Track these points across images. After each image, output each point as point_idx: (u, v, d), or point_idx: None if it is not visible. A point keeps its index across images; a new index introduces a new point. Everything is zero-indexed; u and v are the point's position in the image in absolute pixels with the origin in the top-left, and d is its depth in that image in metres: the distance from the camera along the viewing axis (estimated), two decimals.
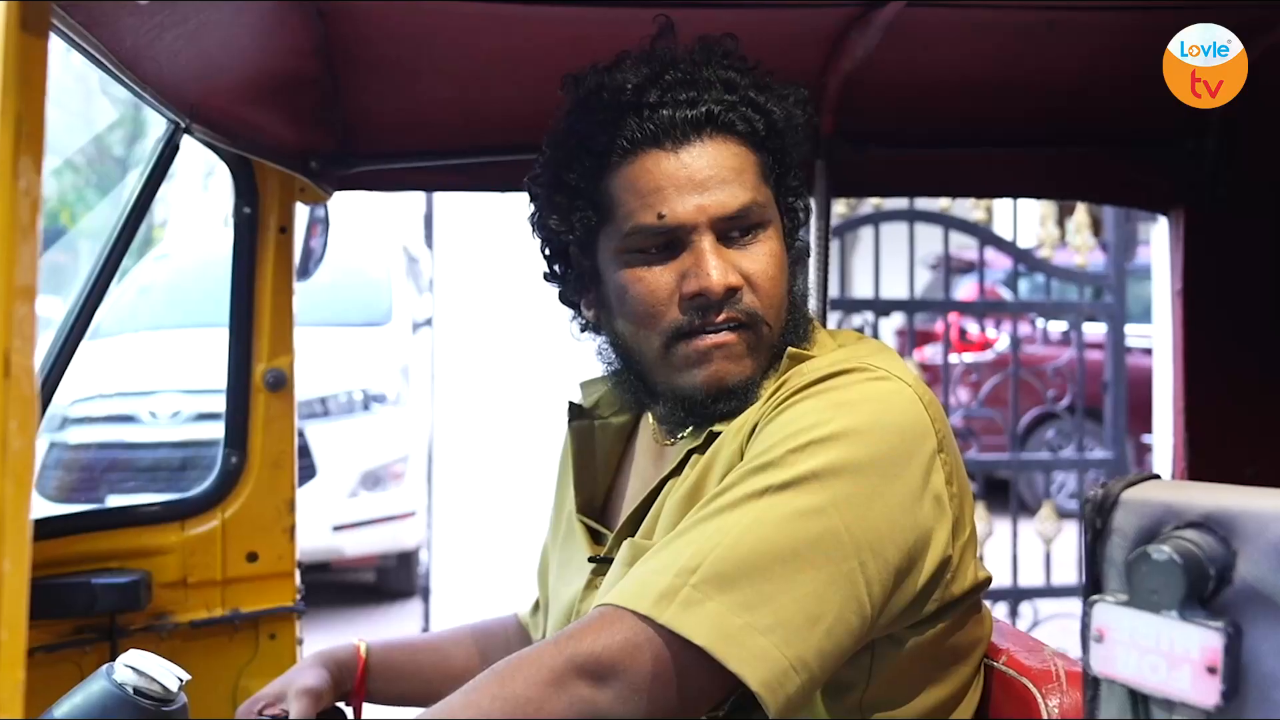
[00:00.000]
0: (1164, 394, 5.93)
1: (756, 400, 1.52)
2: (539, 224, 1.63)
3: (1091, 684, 0.97)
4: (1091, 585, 0.99)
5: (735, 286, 1.51)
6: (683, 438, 1.59)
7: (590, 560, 1.64)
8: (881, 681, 1.44)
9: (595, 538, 1.69)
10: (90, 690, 1.48)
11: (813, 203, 2.38)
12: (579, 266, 1.62)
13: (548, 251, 1.66)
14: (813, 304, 2.21)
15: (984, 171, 2.59)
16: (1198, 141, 2.43)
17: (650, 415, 1.69)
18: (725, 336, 1.51)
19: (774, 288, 1.54)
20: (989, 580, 1.51)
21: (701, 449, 1.53)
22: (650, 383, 1.59)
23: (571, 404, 1.80)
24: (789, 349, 1.54)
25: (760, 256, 1.54)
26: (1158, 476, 1.01)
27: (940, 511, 1.41)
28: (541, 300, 1.76)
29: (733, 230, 1.53)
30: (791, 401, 1.43)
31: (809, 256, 2.28)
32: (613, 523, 1.68)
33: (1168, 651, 0.90)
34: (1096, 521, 0.99)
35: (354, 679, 1.82)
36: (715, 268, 1.49)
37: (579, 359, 1.79)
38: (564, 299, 1.69)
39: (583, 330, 1.68)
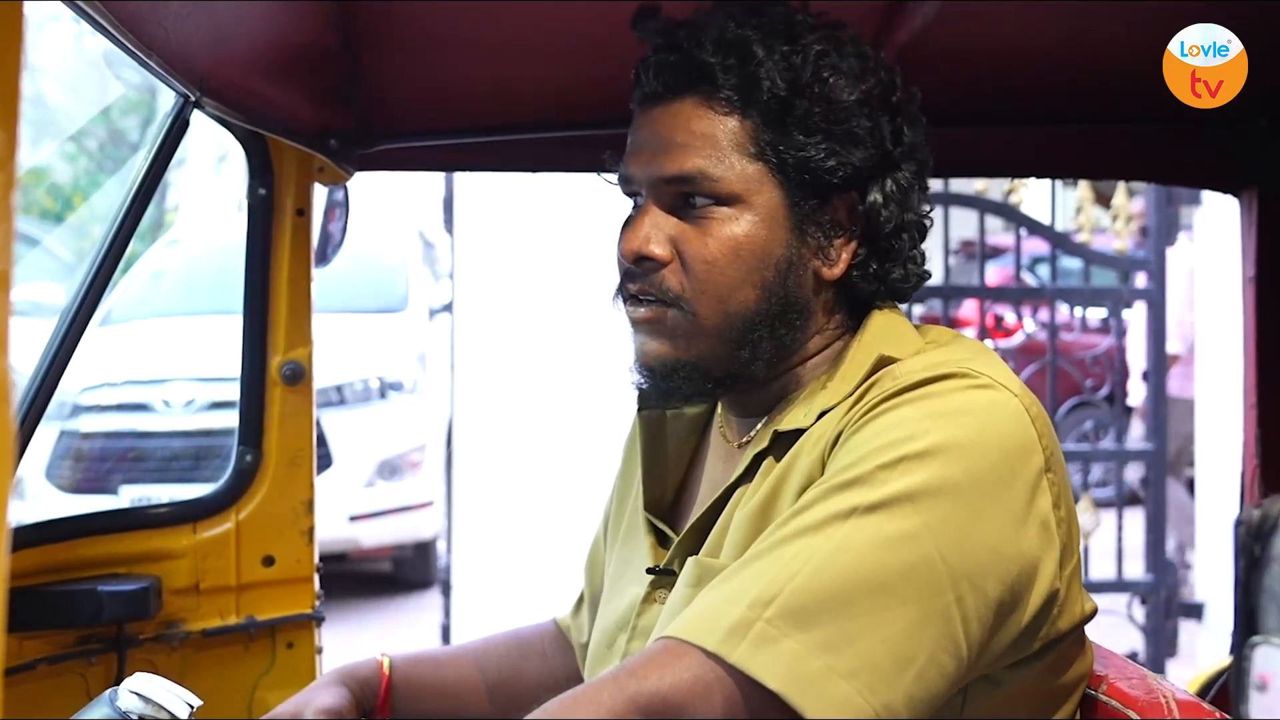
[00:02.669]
0: (1206, 386, 5.77)
1: (687, 389, 1.43)
2: None
3: None
4: (1246, 623, 0.85)
5: (649, 256, 1.39)
6: (749, 439, 1.45)
7: (649, 572, 1.50)
8: None
9: (660, 539, 1.56)
10: (92, 719, 1.37)
11: None
12: None
13: None
14: None
15: (1045, 149, 2.44)
16: (1272, 119, 2.28)
17: (721, 407, 1.56)
18: (641, 312, 1.42)
19: (712, 274, 1.38)
20: (1095, 611, 1.36)
21: (773, 454, 1.39)
22: None
23: (641, 390, 1.67)
24: (879, 352, 1.38)
25: (708, 237, 1.38)
26: None
27: (1047, 538, 1.27)
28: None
29: (684, 200, 1.40)
30: (882, 409, 1.28)
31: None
32: (681, 525, 1.54)
33: None
34: (1254, 548, 0.85)
35: (376, 697, 1.70)
36: (632, 231, 1.40)
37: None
38: None
39: None
